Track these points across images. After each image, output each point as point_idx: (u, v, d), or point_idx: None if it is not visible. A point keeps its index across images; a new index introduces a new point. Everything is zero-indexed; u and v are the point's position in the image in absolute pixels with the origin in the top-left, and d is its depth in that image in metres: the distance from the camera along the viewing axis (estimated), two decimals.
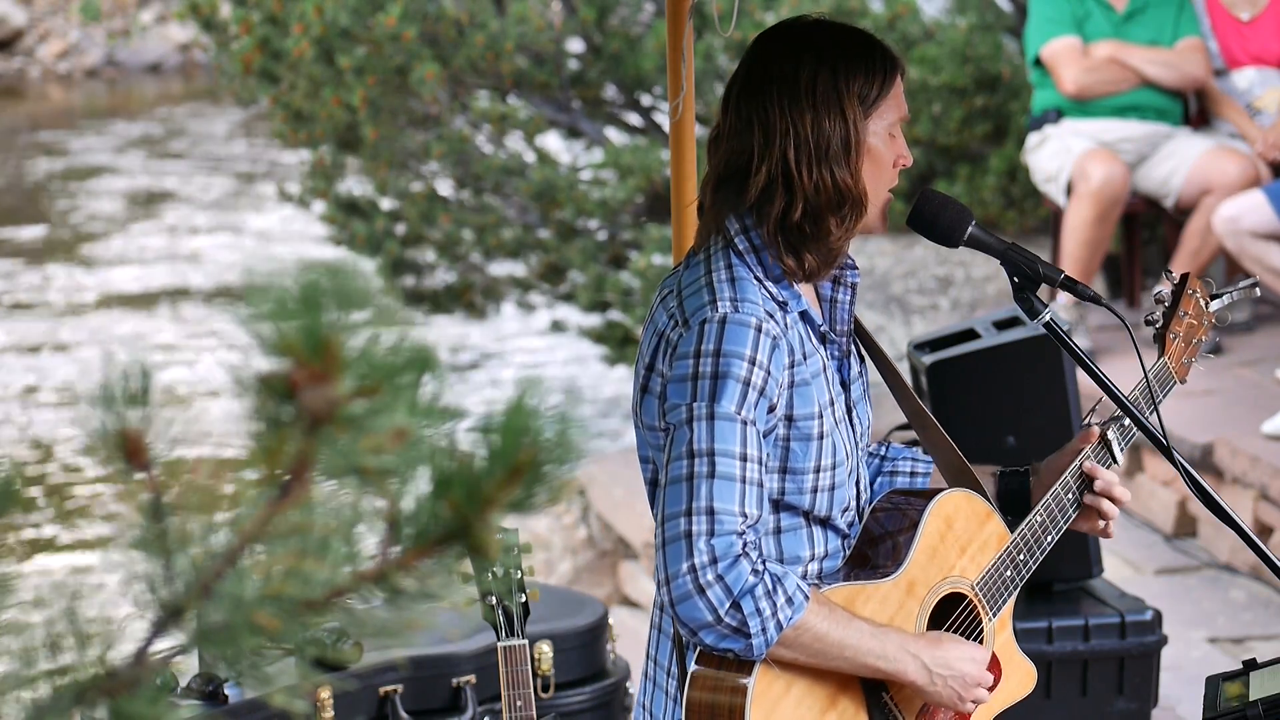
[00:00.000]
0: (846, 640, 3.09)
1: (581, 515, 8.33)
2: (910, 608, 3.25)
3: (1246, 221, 7.58)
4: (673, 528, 3.01)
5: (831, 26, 3.26)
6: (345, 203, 10.59)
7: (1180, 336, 3.56)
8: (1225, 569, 6.93)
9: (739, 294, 3.12)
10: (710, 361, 3.07)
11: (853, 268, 3.32)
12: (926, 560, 3.28)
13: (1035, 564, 3.39)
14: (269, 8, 10.15)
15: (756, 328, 3.09)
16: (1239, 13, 8.30)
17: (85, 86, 24.70)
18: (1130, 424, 3.45)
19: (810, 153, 3.13)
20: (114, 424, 1.27)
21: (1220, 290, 3.64)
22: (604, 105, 10.43)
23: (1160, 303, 3.58)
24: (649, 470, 3.23)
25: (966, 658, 3.20)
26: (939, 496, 3.34)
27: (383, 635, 1.28)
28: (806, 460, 3.16)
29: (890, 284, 8.90)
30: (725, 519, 3.00)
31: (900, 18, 9.59)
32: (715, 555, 2.97)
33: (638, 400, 3.20)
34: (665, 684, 3.27)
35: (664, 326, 3.16)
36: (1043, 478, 3.45)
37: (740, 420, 3.05)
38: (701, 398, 3.05)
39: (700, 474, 3.02)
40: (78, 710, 1.28)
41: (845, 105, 3.15)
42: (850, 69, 3.17)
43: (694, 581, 2.97)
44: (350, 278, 1.23)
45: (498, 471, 1.26)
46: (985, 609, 3.34)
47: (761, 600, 2.98)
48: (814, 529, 3.22)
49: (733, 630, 2.99)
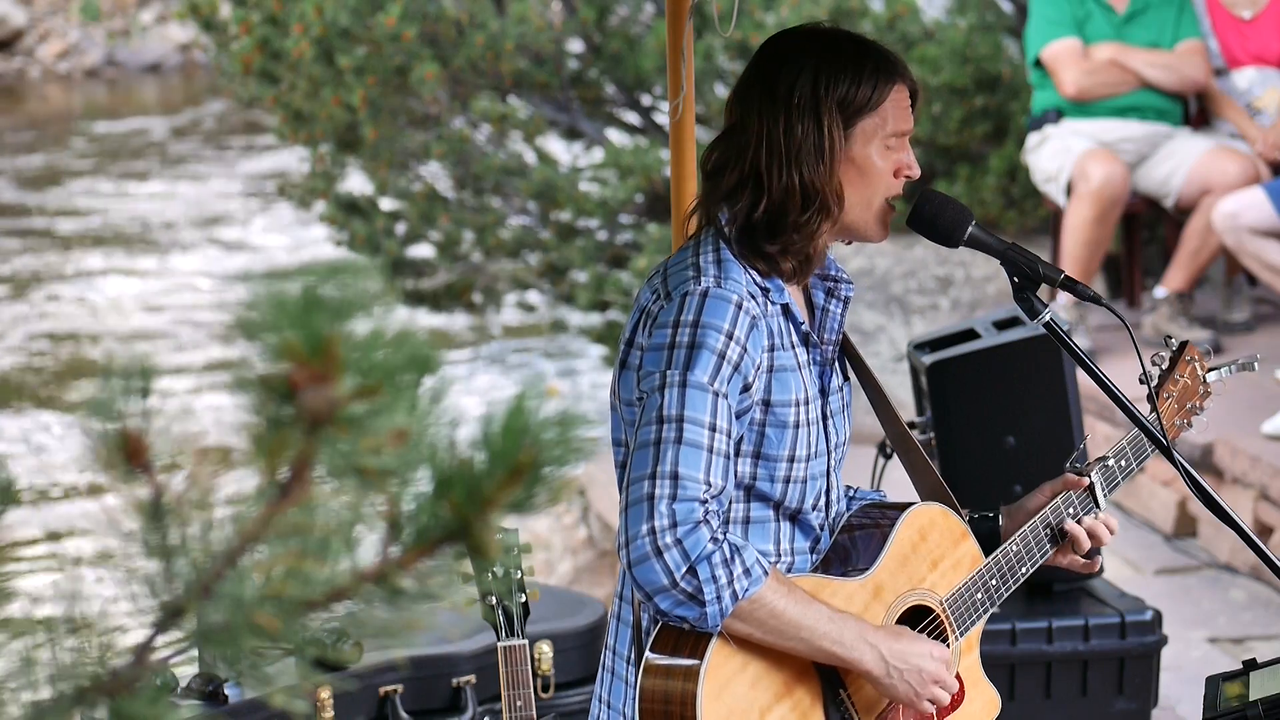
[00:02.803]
0: (803, 620, 3.07)
1: (581, 515, 8.33)
2: (876, 611, 3.23)
3: (1246, 218, 7.59)
4: (635, 490, 3.01)
5: (831, 34, 3.27)
6: (345, 203, 10.60)
7: (1174, 398, 3.57)
8: (1225, 569, 6.93)
9: (724, 273, 3.15)
10: (688, 331, 3.08)
11: (848, 281, 3.34)
12: (896, 567, 3.27)
13: (1007, 593, 3.38)
14: (269, 8, 10.15)
15: (737, 304, 3.11)
16: (1239, 12, 8.30)
17: (85, 86, 24.71)
18: (1115, 469, 3.45)
19: (780, 155, 3.16)
20: (114, 424, 1.27)
21: (1218, 364, 3.64)
22: (604, 105, 10.43)
23: (1157, 364, 3.58)
24: (620, 453, 3.23)
25: (925, 654, 3.18)
26: (914, 507, 3.34)
27: (383, 635, 1.28)
28: (781, 448, 3.16)
29: (890, 284, 8.90)
30: (689, 484, 3.00)
31: (900, 18, 9.59)
32: (676, 519, 2.97)
33: (616, 377, 3.22)
34: (625, 674, 3.26)
35: (647, 302, 3.19)
36: (1013, 520, 3.43)
37: (712, 391, 3.05)
38: (676, 366, 3.06)
39: (667, 439, 3.02)
40: (78, 710, 1.28)
41: (821, 111, 3.16)
42: (834, 76, 3.18)
43: (652, 544, 2.97)
44: (350, 278, 1.23)
45: (498, 471, 1.27)
46: (952, 627, 3.32)
47: (718, 568, 2.98)
48: (783, 523, 3.22)
49: (688, 596, 2.98)
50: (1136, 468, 3.49)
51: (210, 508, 1.27)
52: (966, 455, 5.01)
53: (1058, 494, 3.41)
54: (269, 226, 16.46)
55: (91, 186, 18.14)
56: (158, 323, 13.75)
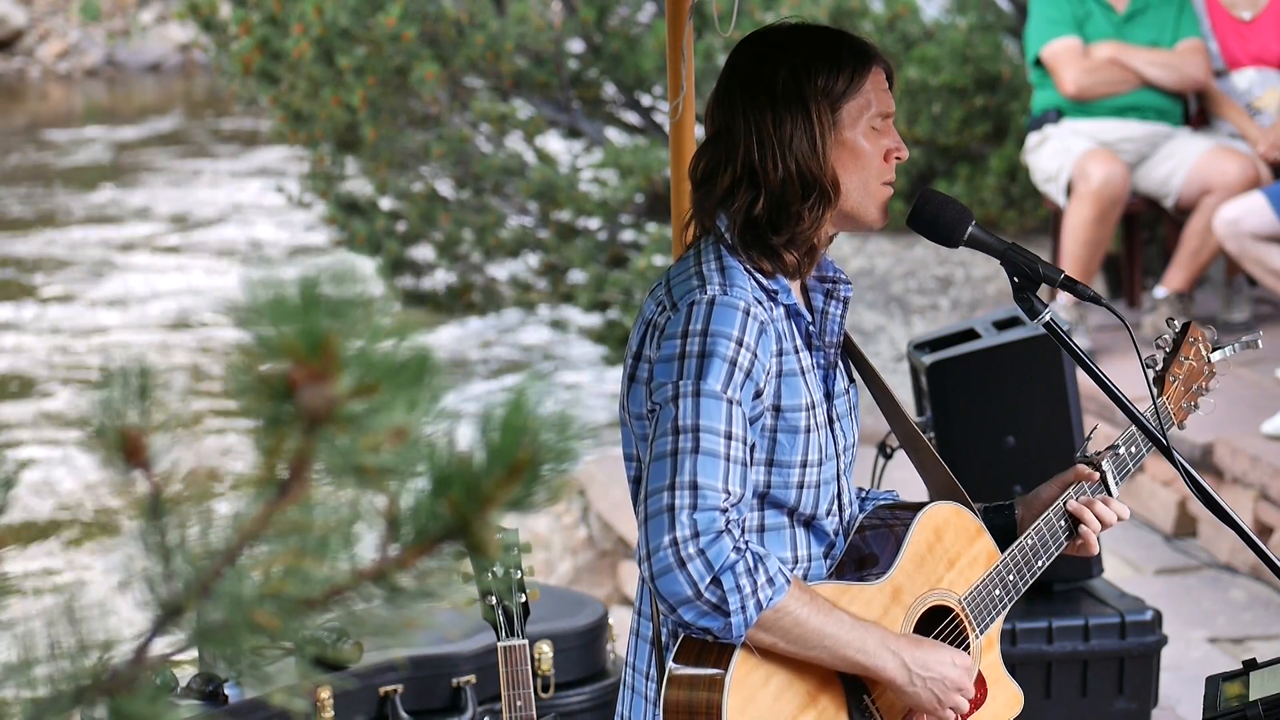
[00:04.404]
0: (826, 629, 3.06)
1: (581, 515, 8.32)
2: (895, 614, 3.23)
3: (1247, 224, 7.59)
4: (655, 502, 2.99)
5: (801, 29, 3.28)
6: (345, 203, 10.60)
7: (1180, 380, 3.57)
8: (1225, 569, 6.93)
9: (728, 280, 3.14)
10: (697, 340, 3.07)
11: (846, 282, 3.32)
12: (913, 569, 3.27)
13: (1025, 586, 3.38)
14: (269, 8, 10.15)
15: (744, 310, 3.09)
16: (1239, 13, 8.30)
17: (85, 86, 24.70)
18: (1125, 456, 3.46)
19: (774, 148, 3.16)
20: (113, 423, 1.27)
21: (1222, 342, 3.65)
22: (604, 105, 10.43)
23: (1161, 348, 3.58)
24: (634, 468, 3.22)
25: (948, 661, 3.18)
26: (928, 507, 3.33)
27: (382, 634, 1.28)
28: (793, 453, 3.15)
29: (890, 284, 8.90)
30: (709, 494, 2.98)
31: (900, 18, 9.59)
32: (697, 529, 2.96)
33: (625, 392, 3.20)
34: (645, 689, 3.25)
35: (651, 314, 3.17)
36: (1030, 509, 3.43)
37: (726, 399, 3.04)
38: (688, 376, 3.05)
39: (684, 449, 3.01)
40: (77, 710, 1.28)
41: (808, 100, 3.17)
42: (812, 65, 3.18)
43: (675, 555, 2.95)
44: (349, 276, 1.23)
45: (497, 470, 1.26)
46: (972, 625, 3.32)
47: (742, 577, 2.96)
48: (798, 530, 3.21)
49: (712, 607, 2.97)
50: (1146, 452, 3.50)
51: (209, 507, 1.27)
52: (966, 455, 5.01)
53: (1070, 485, 3.42)
54: (269, 226, 16.46)
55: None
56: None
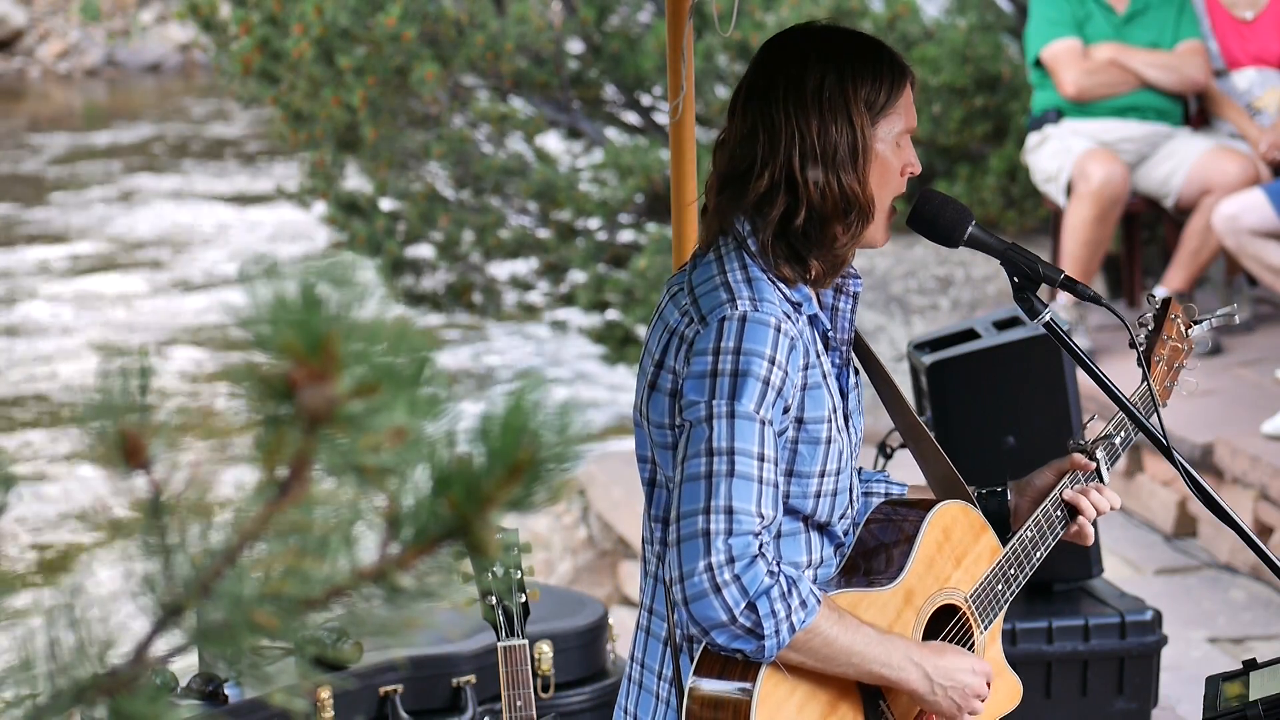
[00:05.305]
0: (854, 646, 3.07)
1: (581, 515, 8.32)
2: (908, 617, 3.24)
3: (1246, 220, 7.59)
4: (689, 525, 2.98)
5: (840, 32, 3.23)
6: (345, 203, 10.59)
7: (1164, 360, 3.58)
8: (1225, 569, 6.93)
9: (757, 293, 3.09)
10: (730, 359, 3.04)
11: (855, 277, 3.29)
12: (924, 570, 3.27)
13: (1025, 579, 3.39)
14: (269, 8, 10.14)
15: (776, 327, 3.06)
16: (1240, 13, 8.30)
17: (85, 86, 24.70)
18: (1118, 443, 3.47)
19: (816, 157, 3.10)
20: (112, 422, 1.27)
21: (1200, 316, 3.65)
22: (604, 105, 10.43)
23: (1143, 326, 3.58)
24: (647, 469, 3.20)
25: (968, 669, 3.19)
26: (938, 507, 3.33)
27: (382, 634, 1.28)
28: (813, 464, 3.14)
29: (890, 284, 8.90)
30: (743, 519, 2.97)
31: (900, 18, 9.59)
32: (733, 555, 2.95)
33: (644, 398, 3.17)
34: (656, 688, 3.23)
35: (676, 323, 3.13)
36: (1025, 495, 3.44)
37: (759, 420, 3.02)
38: (721, 395, 3.02)
39: (719, 472, 2.99)
40: (77, 710, 1.28)
41: (852, 110, 3.12)
42: (858, 74, 3.13)
43: (710, 580, 2.94)
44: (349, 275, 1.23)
45: (497, 470, 1.26)
46: (977, 622, 3.33)
47: (777, 602, 2.96)
48: (811, 534, 3.20)
49: (746, 631, 2.96)
50: (1134, 438, 3.50)
51: (209, 506, 1.27)
52: (966, 455, 5.00)
53: (1065, 474, 3.42)
54: (269, 226, 16.46)
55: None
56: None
